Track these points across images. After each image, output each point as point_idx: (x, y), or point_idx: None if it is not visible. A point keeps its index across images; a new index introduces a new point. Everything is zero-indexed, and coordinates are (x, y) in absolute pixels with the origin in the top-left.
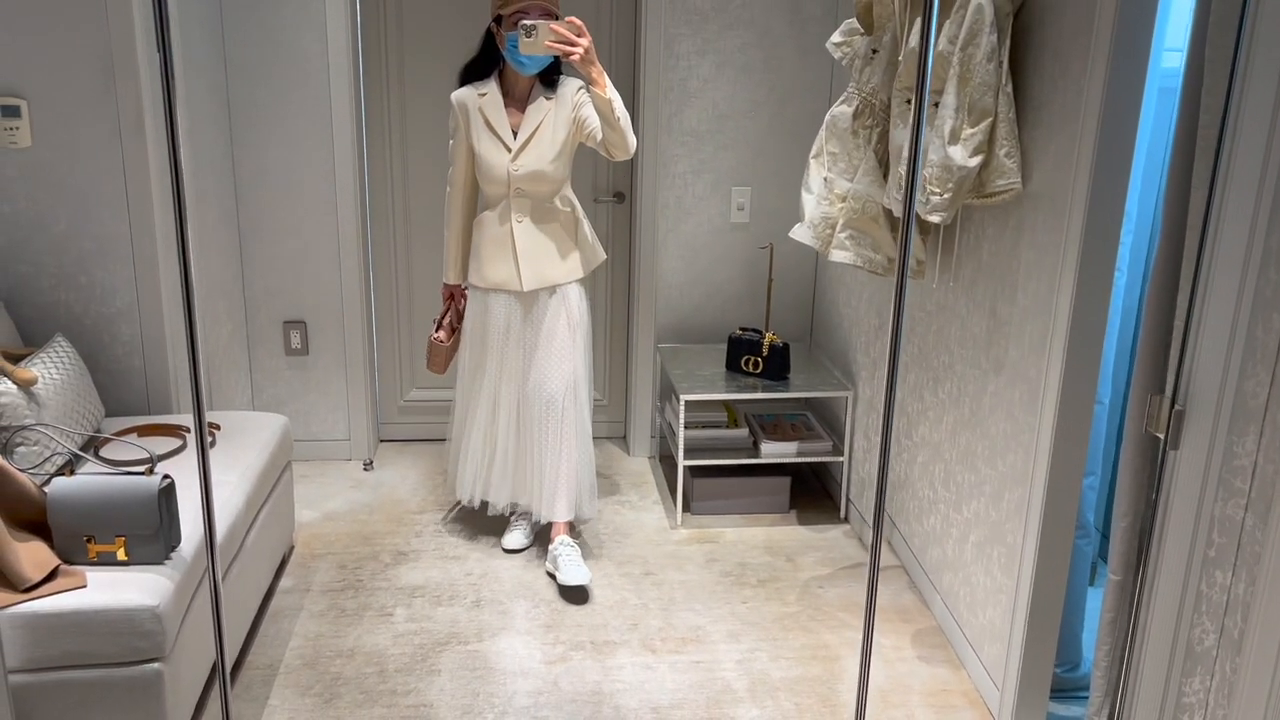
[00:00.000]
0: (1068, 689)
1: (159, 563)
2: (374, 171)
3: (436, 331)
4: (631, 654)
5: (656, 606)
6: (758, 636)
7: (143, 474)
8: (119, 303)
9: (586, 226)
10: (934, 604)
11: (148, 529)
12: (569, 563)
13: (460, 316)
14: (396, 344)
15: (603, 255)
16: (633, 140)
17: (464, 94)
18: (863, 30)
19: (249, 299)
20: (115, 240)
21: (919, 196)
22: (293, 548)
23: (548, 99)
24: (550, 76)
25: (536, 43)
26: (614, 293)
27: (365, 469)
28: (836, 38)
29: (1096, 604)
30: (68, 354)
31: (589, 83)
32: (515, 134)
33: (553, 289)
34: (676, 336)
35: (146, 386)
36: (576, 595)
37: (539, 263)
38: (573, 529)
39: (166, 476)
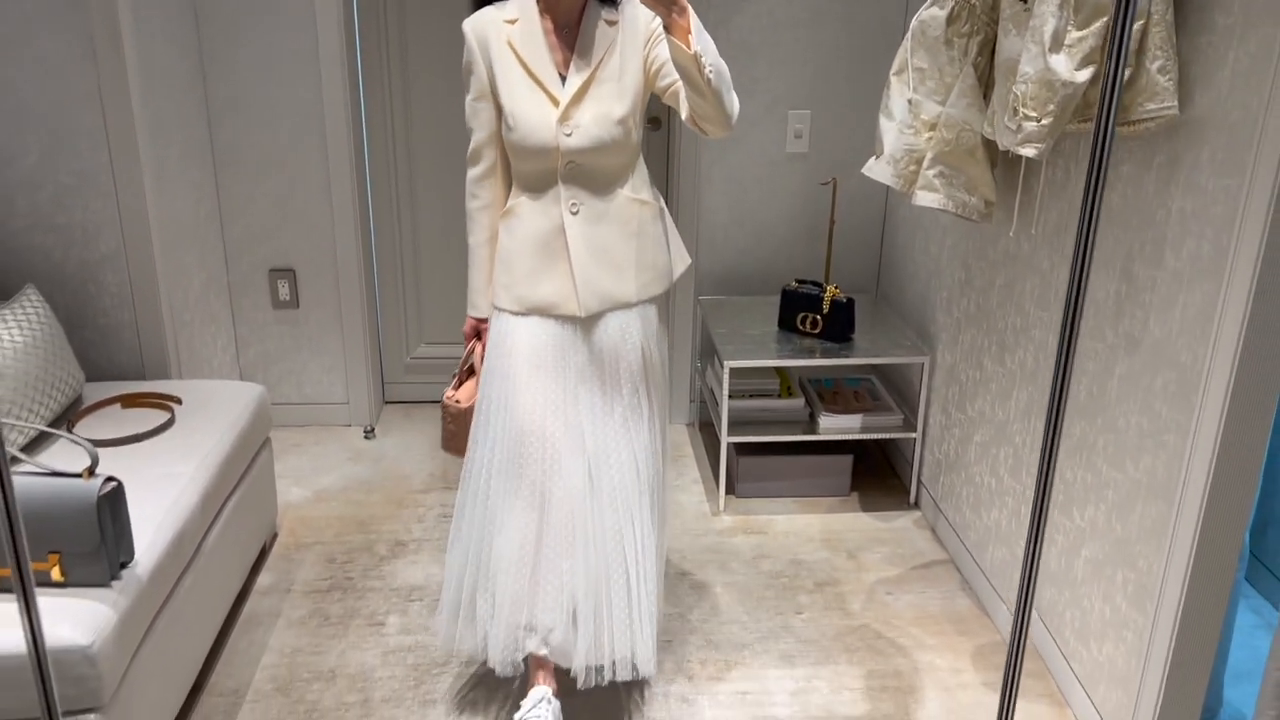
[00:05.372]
0: None
1: (104, 584)
2: (370, 91)
3: (454, 390)
4: (666, 681)
5: (696, 618)
6: (815, 660)
7: (79, 475)
8: (103, 247)
9: (668, 220)
10: (997, 614)
11: (85, 545)
12: None
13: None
14: (401, 293)
15: (687, 259)
16: (734, 107)
17: (482, 23)
18: None
19: (229, 243)
20: (96, 174)
21: (1008, 123)
22: (275, 535)
23: (610, 22)
24: None
25: None
26: None
27: (366, 436)
28: None
29: (1245, 641)
30: (37, 310)
31: (665, 26)
32: (564, 79)
33: (623, 312)
34: (720, 287)
35: (140, 344)
36: None
37: (603, 274)
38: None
39: (110, 479)
